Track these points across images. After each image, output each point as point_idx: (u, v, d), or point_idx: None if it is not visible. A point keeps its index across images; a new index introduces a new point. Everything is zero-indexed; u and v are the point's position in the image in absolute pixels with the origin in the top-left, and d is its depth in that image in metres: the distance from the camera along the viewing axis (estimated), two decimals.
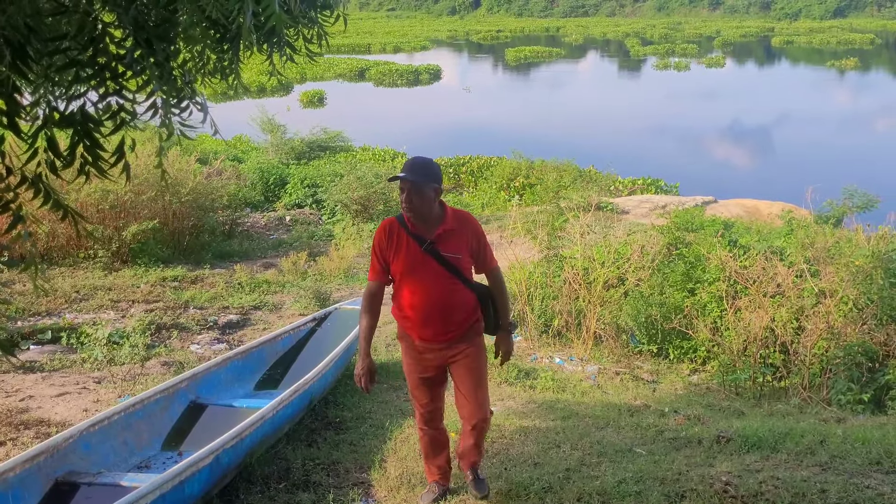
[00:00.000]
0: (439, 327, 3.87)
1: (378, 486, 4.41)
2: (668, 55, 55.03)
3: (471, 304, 3.93)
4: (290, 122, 20.09)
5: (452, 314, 3.87)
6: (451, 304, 3.85)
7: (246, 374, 5.86)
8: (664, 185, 18.36)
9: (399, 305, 3.93)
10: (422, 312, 3.86)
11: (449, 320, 3.86)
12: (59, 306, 8.02)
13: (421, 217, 3.78)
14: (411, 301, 3.86)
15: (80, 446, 4.17)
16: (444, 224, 3.82)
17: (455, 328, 3.89)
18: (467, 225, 3.91)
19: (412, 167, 3.77)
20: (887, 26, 71.48)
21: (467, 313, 3.92)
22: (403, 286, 3.88)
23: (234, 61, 3.04)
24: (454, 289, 3.85)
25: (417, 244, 3.80)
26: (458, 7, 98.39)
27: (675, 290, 8.05)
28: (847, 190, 12.87)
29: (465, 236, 3.87)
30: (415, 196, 3.72)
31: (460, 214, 3.96)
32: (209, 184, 11.18)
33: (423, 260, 3.80)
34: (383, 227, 3.91)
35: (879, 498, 3.95)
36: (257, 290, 9.19)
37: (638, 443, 5.08)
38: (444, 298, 3.84)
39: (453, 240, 3.83)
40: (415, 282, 3.84)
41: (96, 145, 1.85)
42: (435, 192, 3.78)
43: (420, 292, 3.83)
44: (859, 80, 44.92)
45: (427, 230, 3.82)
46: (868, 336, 6.63)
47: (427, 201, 3.74)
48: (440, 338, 3.89)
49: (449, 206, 3.97)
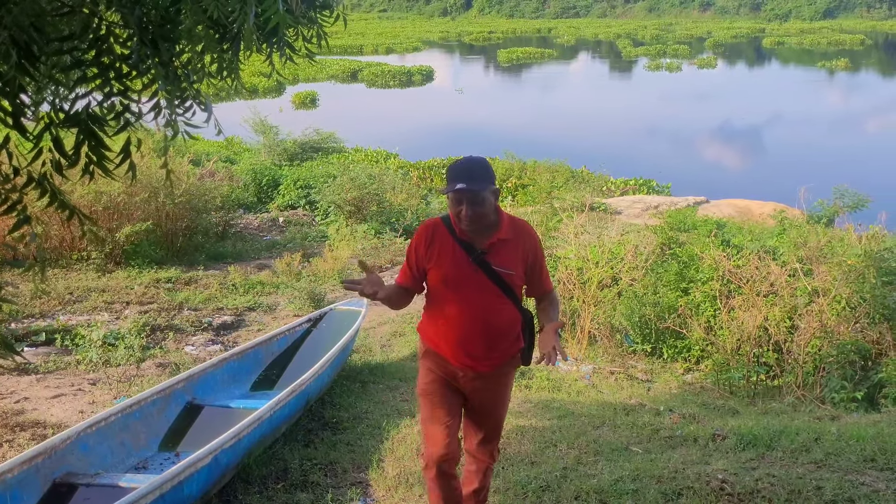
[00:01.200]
0: (481, 352, 3.35)
1: (376, 485, 4.42)
2: (659, 56, 55.25)
3: (518, 328, 3.43)
4: (282, 124, 20.08)
5: (498, 339, 3.36)
6: (498, 327, 3.34)
7: (242, 375, 5.85)
8: (656, 185, 18.46)
9: (434, 322, 3.42)
10: (462, 333, 3.33)
11: (493, 345, 3.35)
12: (52, 308, 8.00)
13: (480, 228, 3.28)
14: (452, 319, 3.35)
15: (78, 447, 4.17)
16: (498, 232, 3.31)
17: (498, 355, 3.39)
18: (524, 236, 3.39)
19: (470, 173, 3.22)
20: (877, 27, 71.99)
21: (513, 339, 3.42)
22: (443, 301, 3.37)
23: (233, 61, 3.05)
24: (503, 309, 3.34)
25: (465, 253, 3.29)
26: (450, 8, 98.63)
27: (668, 290, 8.08)
28: (838, 190, 12.94)
29: (519, 249, 3.35)
30: (478, 207, 3.20)
31: (518, 223, 3.42)
32: (202, 185, 11.16)
33: (470, 273, 3.30)
34: (426, 229, 3.39)
35: (874, 495, 3.98)
36: (251, 292, 9.18)
37: (634, 441, 5.10)
38: (491, 319, 3.32)
39: (507, 252, 3.33)
40: (458, 297, 3.32)
41: (101, 145, 1.85)
42: (495, 195, 3.29)
43: (463, 310, 3.32)
44: (850, 80, 45.18)
45: (478, 238, 3.31)
46: (861, 334, 6.69)
47: (489, 210, 3.26)
48: (479, 365, 3.37)
49: (505, 211, 3.44)
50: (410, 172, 18.03)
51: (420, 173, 18.34)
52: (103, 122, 1.83)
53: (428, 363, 3.49)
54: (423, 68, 46.30)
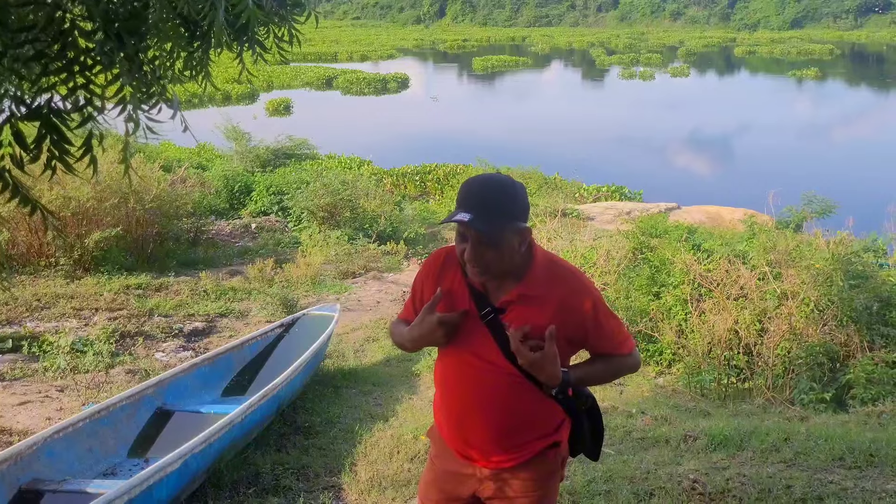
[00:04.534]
0: (482, 440, 2.40)
1: (349, 489, 4.39)
2: (632, 65, 55.77)
3: (547, 414, 2.42)
4: (256, 131, 19.95)
5: (509, 427, 2.38)
6: (507, 411, 2.36)
7: (213, 381, 5.80)
8: (628, 192, 18.59)
9: (437, 386, 2.55)
10: (457, 409, 2.43)
11: (501, 434, 2.38)
12: (19, 315, 7.87)
13: (496, 277, 2.33)
14: (446, 388, 2.48)
15: (45, 454, 4.10)
16: (524, 282, 2.33)
17: (511, 449, 2.40)
18: (564, 290, 2.33)
19: (482, 200, 2.22)
20: (843, 37, 73.32)
21: (539, 428, 2.41)
22: (444, 361, 2.48)
23: (203, 60, 3.02)
24: (519, 388, 2.34)
25: (475, 304, 2.36)
26: (424, 16, 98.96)
27: (640, 294, 8.14)
28: (806, 196, 13.11)
29: (551, 308, 2.31)
30: (486, 251, 2.24)
31: (558, 270, 2.37)
32: (173, 191, 11.06)
33: (478, 332, 2.36)
34: (435, 259, 2.49)
35: (843, 492, 4.03)
36: (223, 298, 9.10)
37: (607, 443, 5.11)
38: (498, 398, 2.36)
39: (534, 312, 2.31)
40: (460, 361, 2.41)
41: (63, 139, 1.83)
42: (521, 236, 2.28)
43: (460, 376, 2.41)
44: (820, 89, 45.87)
45: (496, 285, 2.37)
46: (829, 337, 6.77)
47: (508, 254, 2.27)
48: (486, 459, 2.42)
49: (542, 249, 2.44)
50: (384, 179, 18.01)
51: (393, 180, 18.33)
52: (66, 115, 1.80)
53: (432, 449, 2.63)
54: (398, 75, 46.32)
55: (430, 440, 2.63)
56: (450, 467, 2.50)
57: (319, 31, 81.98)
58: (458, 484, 2.49)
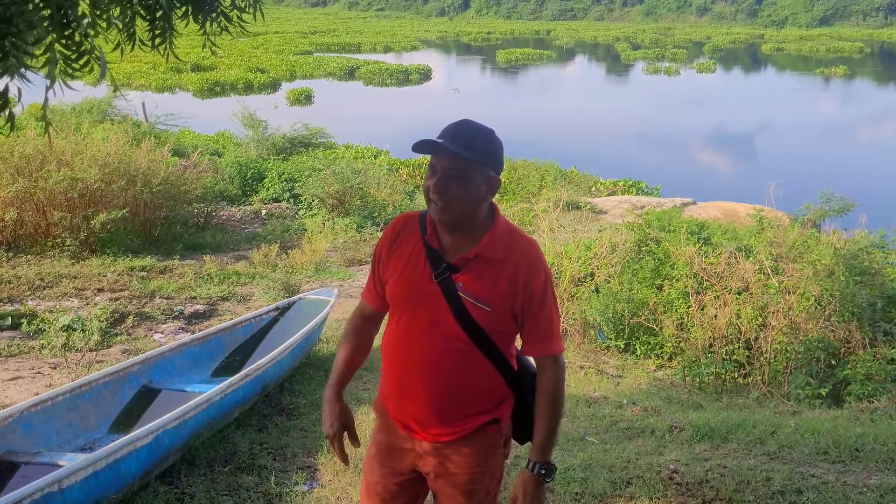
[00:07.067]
0: (426, 411, 2.32)
1: (324, 469, 4.37)
2: (657, 60, 55.21)
3: (491, 388, 2.34)
4: (276, 119, 20.00)
5: (449, 397, 2.30)
6: (450, 380, 2.29)
7: (203, 361, 5.79)
8: (645, 186, 18.42)
9: (384, 356, 2.44)
10: (401, 376, 2.36)
11: (445, 404, 2.31)
12: (21, 293, 7.93)
13: (455, 221, 2.25)
14: (392, 353, 2.39)
15: (21, 426, 4.11)
16: (483, 243, 2.27)
17: (454, 421, 2.32)
18: (522, 260, 2.27)
19: (456, 132, 2.21)
20: (873, 35, 72.04)
21: (481, 403, 2.34)
22: (392, 326, 2.39)
23: (166, 30, 3.01)
24: (465, 357, 2.27)
25: (429, 263, 2.28)
26: (448, 8, 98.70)
27: (643, 286, 8.05)
28: (824, 194, 12.91)
29: (506, 276, 2.25)
30: (454, 183, 2.18)
31: (518, 240, 2.32)
32: (182, 175, 11.10)
33: (427, 292, 2.28)
34: (394, 224, 2.42)
35: (823, 486, 3.95)
36: (226, 282, 9.12)
37: (591, 432, 5.07)
38: (443, 366, 2.28)
39: (488, 276, 2.25)
40: (406, 326, 2.33)
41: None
42: (489, 184, 2.24)
43: (407, 343, 2.33)
44: (848, 88, 45.17)
45: (453, 245, 2.29)
46: (830, 332, 6.65)
47: (473, 196, 2.21)
48: (425, 431, 2.35)
49: (504, 217, 2.39)
50: (400, 169, 17.98)
51: (409, 171, 18.30)
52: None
53: (377, 423, 2.53)
54: (420, 67, 46.25)
55: (375, 413, 2.55)
56: (391, 441, 2.44)
57: (343, 22, 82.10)
58: (400, 458, 2.43)
